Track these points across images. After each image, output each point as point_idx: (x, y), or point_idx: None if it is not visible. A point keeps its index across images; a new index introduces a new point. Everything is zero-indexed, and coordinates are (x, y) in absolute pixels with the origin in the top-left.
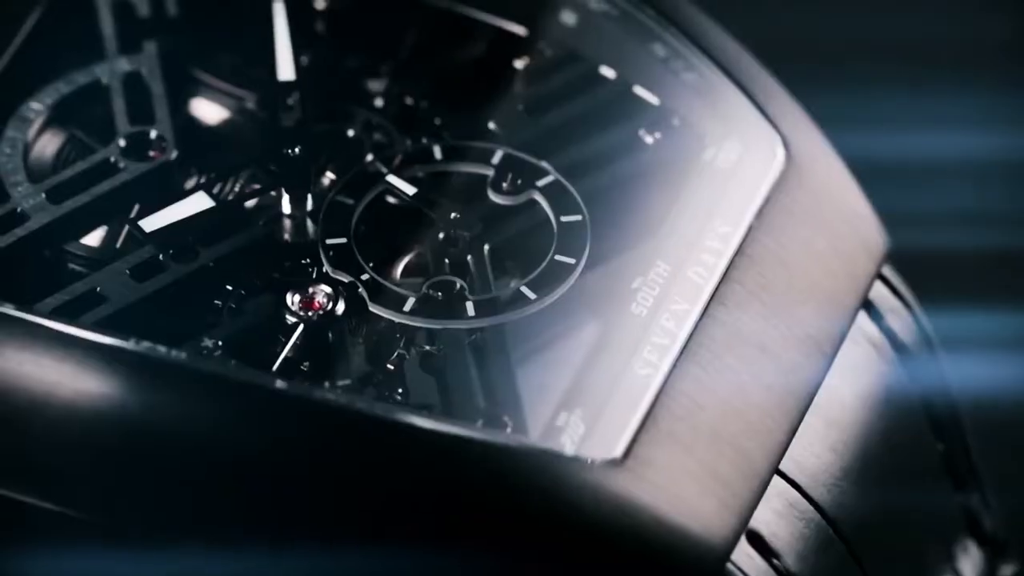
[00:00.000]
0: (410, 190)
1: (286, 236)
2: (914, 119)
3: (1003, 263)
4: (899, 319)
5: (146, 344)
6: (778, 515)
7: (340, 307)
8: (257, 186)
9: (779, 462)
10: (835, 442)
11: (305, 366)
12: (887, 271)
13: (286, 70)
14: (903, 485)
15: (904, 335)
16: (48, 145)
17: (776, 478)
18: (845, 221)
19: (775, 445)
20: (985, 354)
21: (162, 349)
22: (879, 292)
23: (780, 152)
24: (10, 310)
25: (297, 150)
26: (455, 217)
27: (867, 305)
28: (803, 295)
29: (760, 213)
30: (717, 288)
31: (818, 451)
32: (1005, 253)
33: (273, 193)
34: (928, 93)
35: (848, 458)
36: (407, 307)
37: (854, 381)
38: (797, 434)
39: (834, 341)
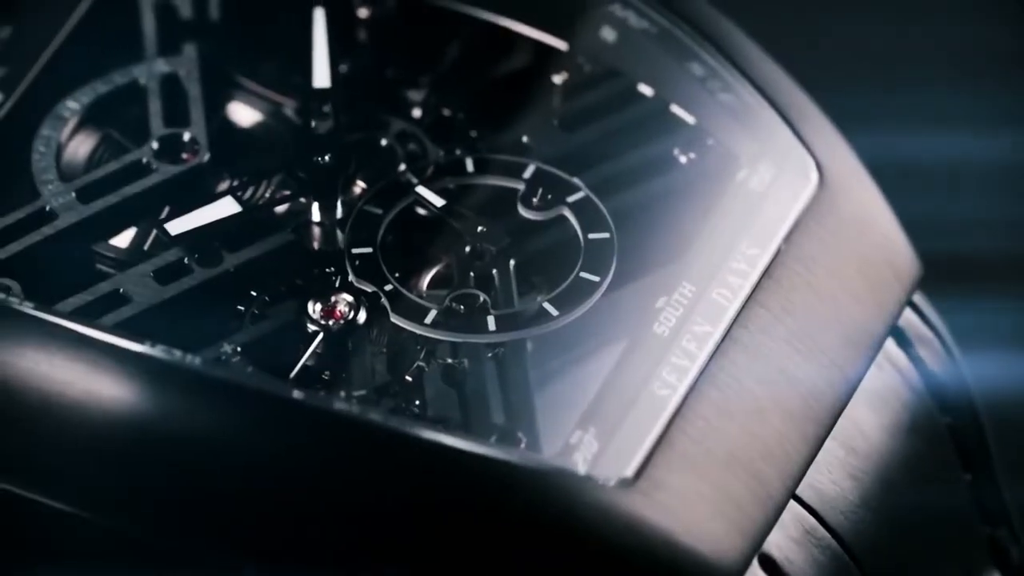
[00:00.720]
0: (439, 202)
1: (313, 244)
2: (916, 121)
3: (1008, 264)
4: (928, 347)
5: (160, 347)
6: (793, 541)
7: (361, 317)
8: (286, 192)
9: (796, 487)
10: (855, 469)
11: (325, 375)
12: (918, 298)
13: (322, 77)
14: (926, 515)
15: (932, 363)
16: (82, 144)
17: (793, 503)
18: (876, 247)
19: (793, 470)
20: (991, 354)
21: (177, 353)
22: (909, 320)
23: (813, 176)
24: (28, 308)
25: (328, 158)
26: (482, 231)
27: (896, 332)
28: (829, 320)
29: (790, 236)
30: (741, 311)
31: (837, 477)
32: (1007, 253)
33: (302, 200)
34: (932, 95)
35: (869, 486)
36: (428, 319)
37: (879, 408)
38: (817, 460)
39: (859, 367)
